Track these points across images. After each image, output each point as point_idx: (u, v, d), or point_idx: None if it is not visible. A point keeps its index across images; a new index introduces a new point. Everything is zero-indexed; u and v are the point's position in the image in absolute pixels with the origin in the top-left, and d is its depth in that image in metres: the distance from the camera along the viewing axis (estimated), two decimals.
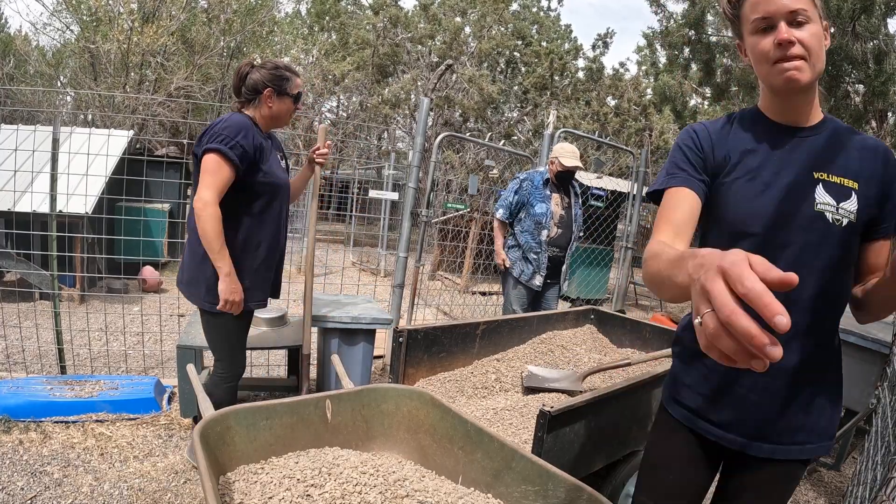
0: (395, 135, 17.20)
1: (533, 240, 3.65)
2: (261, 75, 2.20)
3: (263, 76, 2.19)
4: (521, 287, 3.74)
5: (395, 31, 12.52)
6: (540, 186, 3.67)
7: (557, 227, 3.69)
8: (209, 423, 1.36)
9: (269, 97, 2.22)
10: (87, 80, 10.75)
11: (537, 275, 3.65)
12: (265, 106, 2.23)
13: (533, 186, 3.68)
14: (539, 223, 3.63)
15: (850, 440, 3.31)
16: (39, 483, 2.28)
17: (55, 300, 3.33)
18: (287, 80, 2.25)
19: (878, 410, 2.36)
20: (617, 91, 13.65)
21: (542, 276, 3.65)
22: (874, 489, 1.74)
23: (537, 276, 3.65)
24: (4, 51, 14.96)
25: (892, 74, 5.92)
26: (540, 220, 3.62)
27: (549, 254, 3.67)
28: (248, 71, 2.21)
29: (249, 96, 2.22)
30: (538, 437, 1.74)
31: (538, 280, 3.66)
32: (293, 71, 2.30)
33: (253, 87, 2.20)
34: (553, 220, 3.67)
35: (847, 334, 3.17)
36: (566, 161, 3.58)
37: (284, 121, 2.33)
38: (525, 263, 3.68)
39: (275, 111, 2.25)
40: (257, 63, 2.23)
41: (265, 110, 2.23)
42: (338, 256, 10.07)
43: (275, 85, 2.21)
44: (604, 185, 7.69)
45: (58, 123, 3.23)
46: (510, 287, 3.77)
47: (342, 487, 1.32)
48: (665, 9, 8.27)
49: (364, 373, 2.87)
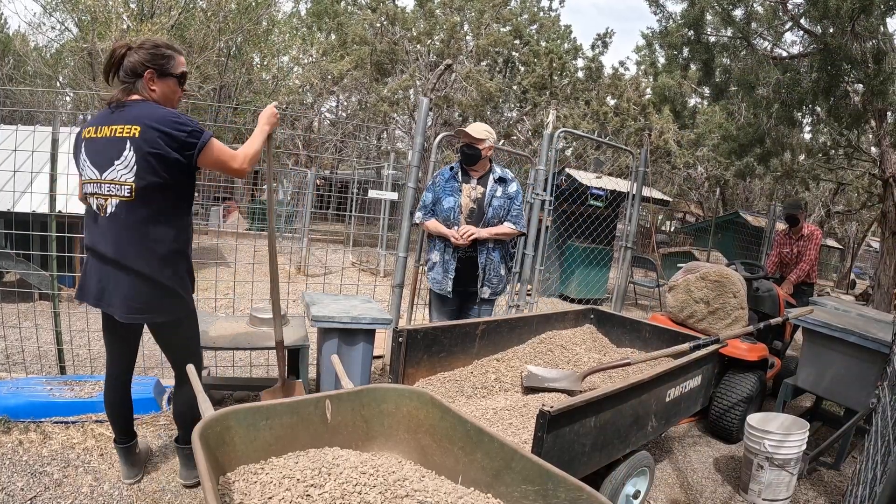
0: (394, 134, 17.19)
1: (441, 240, 3.19)
2: (139, 56, 2.01)
3: (142, 57, 2.01)
4: (436, 298, 3.28)
5: (394, 30, 12.51)
6: (449, 178, 3.21)
7: (468, 223, 3.15)
8: (209, 423, 1.36)
9: (150, 79, 2.03)
10: (85, 80, 10.74)
11: (446, 278, 3.16)
12: (147, 90, 2.04)
13: (443, 180, 3.22)
14: (447, 219, 3.16)
15: (850, 440, 3.31)
16: (39, 483, 2.28)
17: (55, 300, 3.33)
18: (169, 59, 2.07)
19: (878, 410, 2.36)
20: (616, 91, 13.64)
21: (451, 280, 3.14)
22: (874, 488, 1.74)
23: (447, 279, 3.15)
24: (3, 51, 14.95)
25: (892, 74, 5.92)
26: (447, 216, 3.15)
27: (460, 254, 3.14)
28: (123, 52, 2.02)
29: (128, 80, 2.03)
30: (538, 437, 1.74)
31: (448, 285, 3.15)
32: (175, 48, 2.12)
33: (132, 69, 2.01)
34: (462, 213, 3.16)
35: (847, 334, 3.18)
36: (470, 129, 3.11)
37: (172, 104, 2.12)
38: (438, 268, 3.21)
39: (159, 94, 2.07)
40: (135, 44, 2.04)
41: (147, 94, 2.04)
42: (337, 256, 10.06)
43: (155, 65, 2.03)
44: (603, 185, 7.69)
45: (57, 124, 3.22)
46: (431, 297, 3.36)
47: (342, 487, 1.32)
48: (664, 9, 8.27)
49: (364, 373, 2.87)
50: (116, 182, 1.97)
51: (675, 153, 13.36)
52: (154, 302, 2.04)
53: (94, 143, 2.02)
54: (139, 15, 10.37)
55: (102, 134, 2.00)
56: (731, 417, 3.48)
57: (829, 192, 17.08)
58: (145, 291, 2.02)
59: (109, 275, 2.02)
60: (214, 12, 11.46)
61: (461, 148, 3.17)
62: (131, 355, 2.29)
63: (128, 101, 2.01)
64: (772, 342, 4.21)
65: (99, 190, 2.01)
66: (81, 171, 2.06)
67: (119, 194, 1.97)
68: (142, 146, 1.93)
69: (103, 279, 2.03)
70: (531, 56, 13.19)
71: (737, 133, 8.48)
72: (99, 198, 2.01)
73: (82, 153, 2.05)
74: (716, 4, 7.14)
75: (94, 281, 2.05)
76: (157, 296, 2.04)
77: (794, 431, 2.79)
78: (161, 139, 1.94)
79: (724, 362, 3.65)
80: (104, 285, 2.03)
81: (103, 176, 1.99)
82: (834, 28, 5.99)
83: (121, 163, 1.95)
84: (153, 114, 1.96)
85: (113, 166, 1.96)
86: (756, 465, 2.79)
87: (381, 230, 8.88)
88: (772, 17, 7.28)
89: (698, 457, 3.33)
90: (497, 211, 3.18)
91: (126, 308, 2.01)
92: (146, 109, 1.98)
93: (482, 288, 3.19)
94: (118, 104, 2.01)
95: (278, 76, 15.08)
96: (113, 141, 1.97)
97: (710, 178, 17.63)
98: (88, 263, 2.09)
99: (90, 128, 2.04)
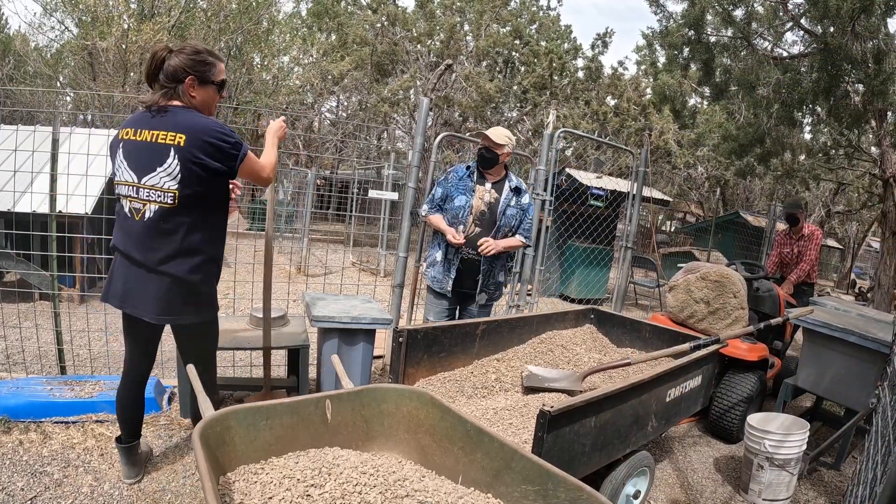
0: (394, 135, 17.20)
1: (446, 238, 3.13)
2: (180, 61, 2.00)
3: (183, 62, 2.00)
4: (433, 295, 3.25)
5: (394, 30, 12.51)
6: (464, 177, 3.17)
7: (476, 225, 3.12)
8: (209, 423, 1.36)
9: (191, 86, 2.03)
10: (85, 80, 10.75)
11: (447, 277, 3.13)
12: (187, 96, 2.04)
13: (457, 178, 3.19)
14: (455, 217, 3.11)
15: (851, 440, 3.31)
16: (39, 483, 2.28)
17: (55, 300, 3.33)
18: (211, 66, 2.07)
19: (879, 410, 2.36)
20: (616, 91, 13.64)
21: (451, 280, 3.11)
22: (874, 488, 1.74)
23: (447, 278, 3.13)
24: (4, 51, 14.96)
25: (892, 74, 5.92)
26: (456, 214, 3.11)
27: (464, 255, 3.11)
28: (164, 55, 2.01)
29: (168, 85, 2.02)
30: (538, 437, 1.74)
31: (448, 284, 3.13)
32: (216, 55, 2.12)
33: (173, 74, 2.01)
34: (472, 214, 3.12)
35: (847, 334, 3.18)
36: (490, 132, 3.08)
37: (209, 111, 2.14)
38: (438, 267, 3.17)
39: (199, 101, 2.07)
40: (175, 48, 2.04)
41: (187, 101, 2.05)
42: (338, 256, 10.06)
43: (197, 72, 2.03)
44: (603, 185, 7.69)
45: (57, 124, 3.22)
46: (427, 295, 3.32)
47: (342, 487, 1.32)
48: (665, 9, 8.27)
49: (364, 373, 2.87)
50: (158, 188, 1.97)
51: (675, 153, 13.37)
52: (184, 304, 2.07)
53: (133, 145, 2.02)
54: (139, 15, 10.37)
55: (142, 137, 1.99)
56: (732, 417, 3.47)
57: (829, 192, 17.09)
58: (177, 294, 2.04)
59: (139, 277, 2.03)
60: (215, 12, 11.46)
61: (479, 150, 3.15)
62: (151, 356, 2.32)
63: (168, 107, 2.02)
64: (772, 342, 4.21)
65: (135, 194, 2.01)
66: (116, 171, 2.07)
67: (161, 201, 1.98)
68: (187, 155, 1.94)
69: (130, 281, 2.04)
70: (531, 56, 13.19)
71: (737, 133, 8.48)
72: (134, 201, 2.01)
73: (119, 154, 2.05)
74: (716, 4, 7.14)
75: (120, 283, 2.07)
76: (187, 299, 2.07)
77: (795, 431, 2.79)
78: (207, 150, 1.96)
79: (725, 362, 3.65)
80: (130, 287, 2.04)
81: (143, 181, 1.99)
82: (834, 28, 5.99)
83: (164, 170, 1.96)
84: (198, 123, 1.98)
85: (155, 172, 1.97)
86: (756, 465, 2.79)
87: (381, 230, 8.88)
88: (772, 17, 7.28)
89: (698, 457, 3.33)
90: (510, 220, 3.17)
91: (156, 309, 2.03)
92: (190, 118, 1.99)
93: (480, 294, 3.17)
94: (159, 108, 2.01)
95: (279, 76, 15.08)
96: (155, 146, 1.97)
97: (710, 178, 17.64)
98: (115, 265, 2.11)
99: (128, 129, 2.04)
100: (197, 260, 2.05)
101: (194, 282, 2.06)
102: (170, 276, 2.01)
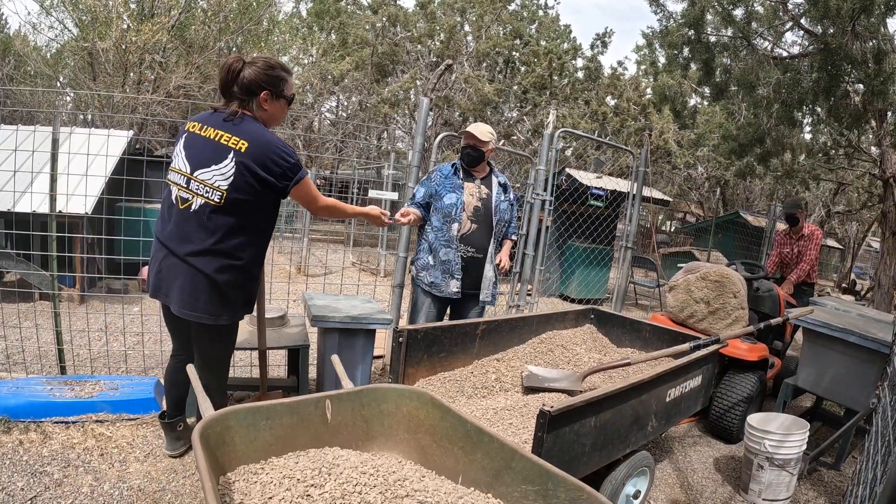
0: (394, 135, 17.19)
1: (443, 236, 3.07)
2: (255, 74, 2.05)
3: (258, 76, 2.05)
4: (430, 298, 3.16)
5: (395, 31, 12.51)
6: (450, 175, 3.13)
7: (472, 222, 3.08)
8: (209, 423, 1.36)
9: (265, 100, 2.09)
10: (85, 80, 10.74)
11: (452, 279, 3.04)
12: (261, 109, 2.10)
13: (442, 176, 3.14)
14: (448, 215, 3.05)
15: (851, 440, 3.31)
16: (39, 483, 2.28)
17: (55, 300, 3.33)
18: (284, 82, 2.12)
19: (879, 410, 2.36)
20: (616, 91, 13.64)
21: (458, 280, 3.05)
22: (874, 489, 1.74)
23: (452, 280, 3.04)
24: (4, 51, 14.95)
25: (892, 74, 5.91)
26: (449, 213, 3.05)
27: (463, 254, 3.08)
28: (239, 67, 2.05)
29: (242, 97, 2.07)
30: (538, 437, 1.74)
31: (454, 286, 3.05)
32: (287, 70, 2.17)
33: (247, 87, 2.06)
34: (466, 211, 3.08)
35: (847, 334, 3.18)
36: (474, 130, 3.05)
37: (277, 124, 2.23)
38: (434, 270, 3.09)
39: (269, 115, 2.13)
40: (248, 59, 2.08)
41: (260, 114, 2.10)
42: (338, 256, 10.06)
43: (272, 87, 2.09)
44: (603, 185, 7.69)
45: (57, 124, 3.22)
46: (419, 298, 3.21)
47: (342, 487, 1.32)
48: (665, 8, 8.26)
49: (364, 373, 2.87)
50: (208, 185, 2.00)
51: (675, 153, 13.37)
52: (207, 303, 2.07)
53: (196, 138, 2.06)
54: (139, 15, 10.37)
55: (207, 134, 2.04)
56: (732, 417, 3.48)
57: (829, 192, 17.08)
58: (201, 290, 2.05)
59: (170, 267, 2.07)
60: (215, 12, 11.45)
61: (464, 149, 3.14)
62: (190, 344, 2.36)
63: (240, 114, 2.06)
64: (772, 342, 4.21)
65: (185, 184, 2.04)
66: (174, 158, 2.11)
67: (208, 197, 2.00)
68: (244, 162, 1.98)
69: (163, 270, 2.09)
70: (531, 56, 13.19)
71: (737, 133, 8.47)
72: (183, 191, 2.05)
73: (181, 143, 2.09)
74: (716, 4, 7.14)
75: (154, 272, 2.12)
76: (211, 298, 2.07)
77: (795, 431, 2.79)
78: (265, 164, 2.00)
79: (725, 362, 3.65)
80: (163, 276, 2.09)
81: (195, 174, 2.02)
82: (834, 28, 5.98)
83: (219, 169, 1.99)
84: (264, 136, 2.02)
85: (209, 168, 2.00)
86: (756, 465, 2.79)
87: (381, 230, 8.88)
88: (772, 17, 7.27)
89: (698, 457, 3.33)
90: (503, 215, 3.21)
91: (180, 301, 2.06)
92: (258, 130, 2.04)
93: (484, 292, 3.18)
94: (232, 113, 2.06)
95: None
96: (216, 144, 2.01)
97: (710, 178, 17.63)
98: (154, 254, 2.15)
99: (196, 123, 2.09)
100: (227, 262, 2.06)
101: (220, 282, 2.06)
102: (196, 270, 2.03)
